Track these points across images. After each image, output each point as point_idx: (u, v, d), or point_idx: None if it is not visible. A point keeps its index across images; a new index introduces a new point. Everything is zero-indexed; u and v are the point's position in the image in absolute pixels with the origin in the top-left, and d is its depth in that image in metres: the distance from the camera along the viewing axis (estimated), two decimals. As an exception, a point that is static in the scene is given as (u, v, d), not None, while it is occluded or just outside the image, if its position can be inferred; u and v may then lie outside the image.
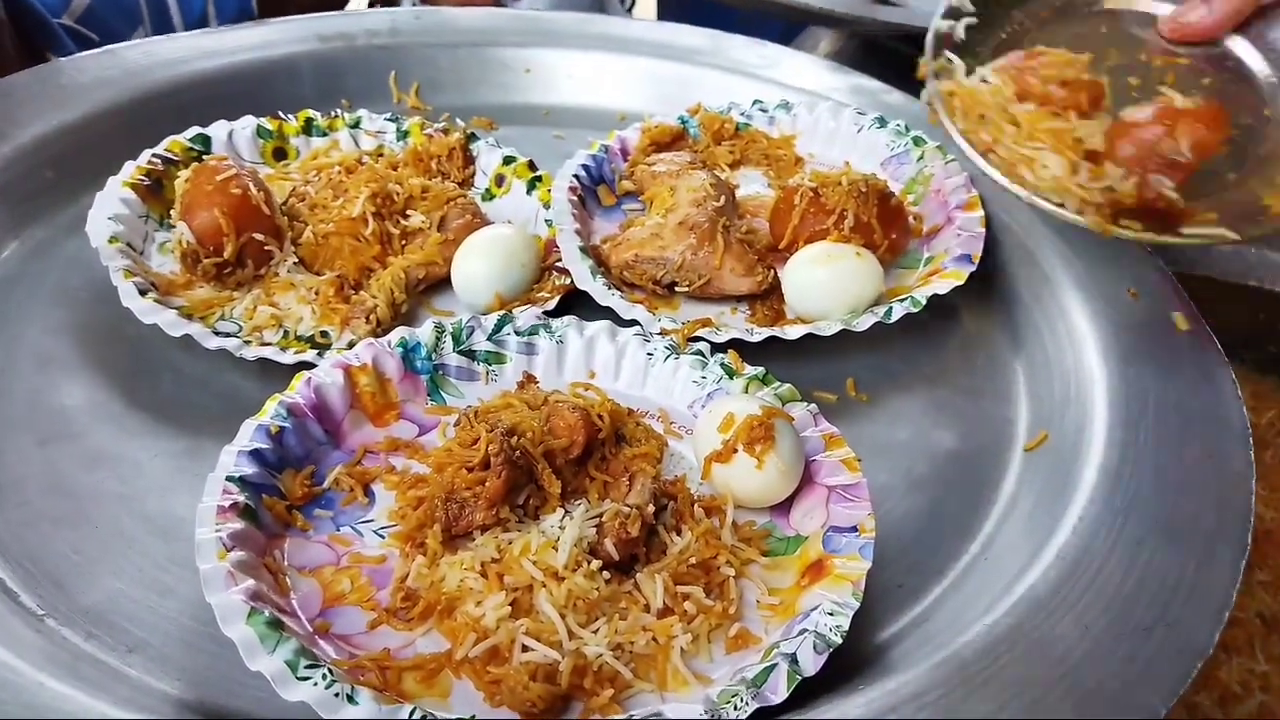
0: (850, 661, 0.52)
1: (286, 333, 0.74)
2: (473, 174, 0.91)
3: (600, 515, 0.57)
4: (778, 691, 0.50)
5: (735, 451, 0.59)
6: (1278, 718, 0.75)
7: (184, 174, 0.78)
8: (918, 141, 0.92)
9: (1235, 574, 0.56)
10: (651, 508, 0.58)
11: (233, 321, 0.74)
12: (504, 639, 0.51)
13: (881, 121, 0.95)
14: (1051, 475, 0.65)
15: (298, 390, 0.63)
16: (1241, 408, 0.67)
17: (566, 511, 0.58)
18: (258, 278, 0.77)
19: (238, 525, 0.54)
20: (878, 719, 0.49)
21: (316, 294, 0.76)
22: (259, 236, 0.76)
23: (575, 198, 0.87)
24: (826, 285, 0.75)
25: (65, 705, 0.48)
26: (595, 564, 0.55)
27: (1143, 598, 0.55)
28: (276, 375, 0.68)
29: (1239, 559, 0.56)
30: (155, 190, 0.81)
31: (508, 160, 0.91)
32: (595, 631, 0.52)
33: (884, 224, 0.79)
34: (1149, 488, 0.61)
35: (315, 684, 0.47)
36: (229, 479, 0.56)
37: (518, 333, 0.70)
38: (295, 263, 0.78)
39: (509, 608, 0.52)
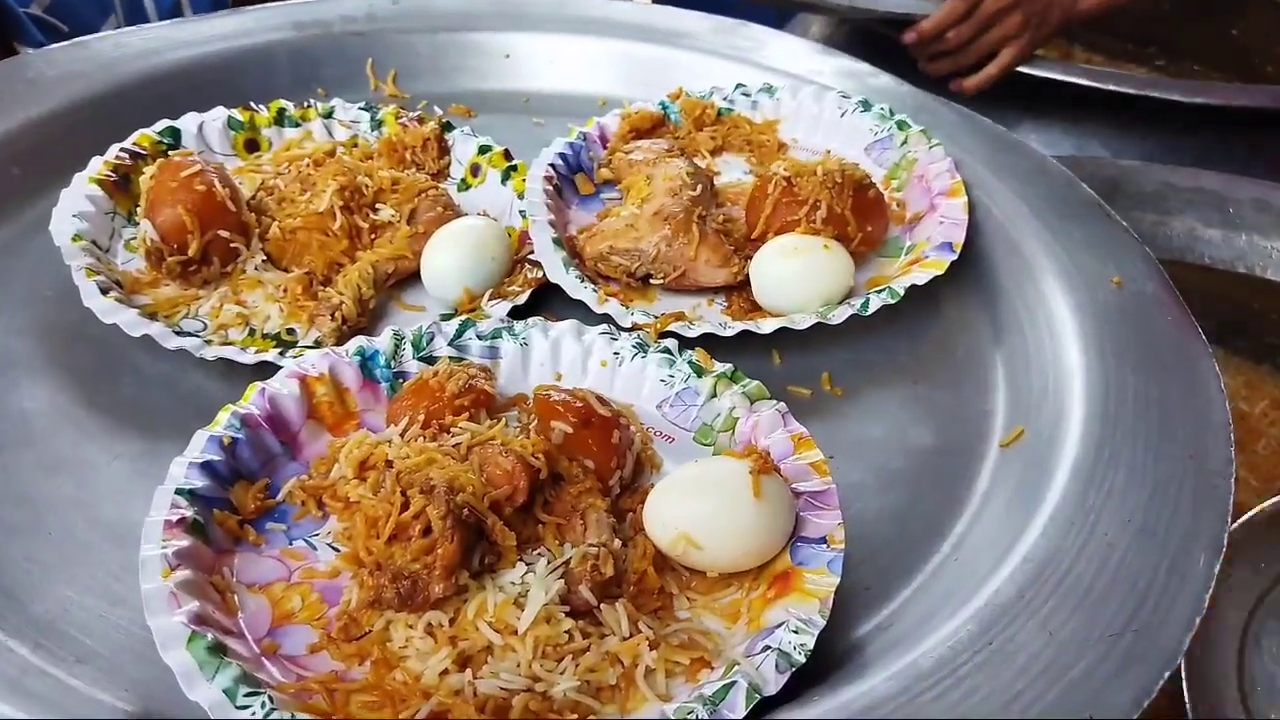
0: (811, 667, 0.51)
1: (253, 331, 0.73)
2: (448, 164, 0.89)
3: (566, 563, 0.54)
4: (736, 709, 0.48)
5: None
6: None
7: (149, 170, 0.77)
8: (902, 126, 0.90)
9: (1209, 577, 0.54)
10: (617, 542, 0.56)
11: (198, 320, 0.73)
12: (446, 696, 0.49)
13: (866, 105, 0.93)
14: (1026, 472, 0.63)
15: (252, 401, 0.62)
16: (1224, 403, 0.65)
17: (528, 565, 0.54)
18: (224, 275, 0.76)
19: (184, 542, 0.53)
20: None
21: (284, 291, 0.75)
22: (224, 233, 0.75)
23: (551, 187, 0.85)
24: (792, 279, 0.73)
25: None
26: (561, 612, 0.52)
27: (1111, 602, 0.53)
28: (240, 375, 0.67)
29: (1214, 562, 0.55)
30: (123, 186, 0.80)
31: (483, 149, 0.89)
32: (563, 672, 0.50)
33: (859, 215, 0.77)
34: (1123, 487, 0.60)
35: (253, 713, 0.46)
36: (178, 492, 0.55)
37: (480, 336, 0.68)
38: (263, 259, 0.77)
39: (451, 664, 0.50)
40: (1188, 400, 0.65)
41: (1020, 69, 1.17)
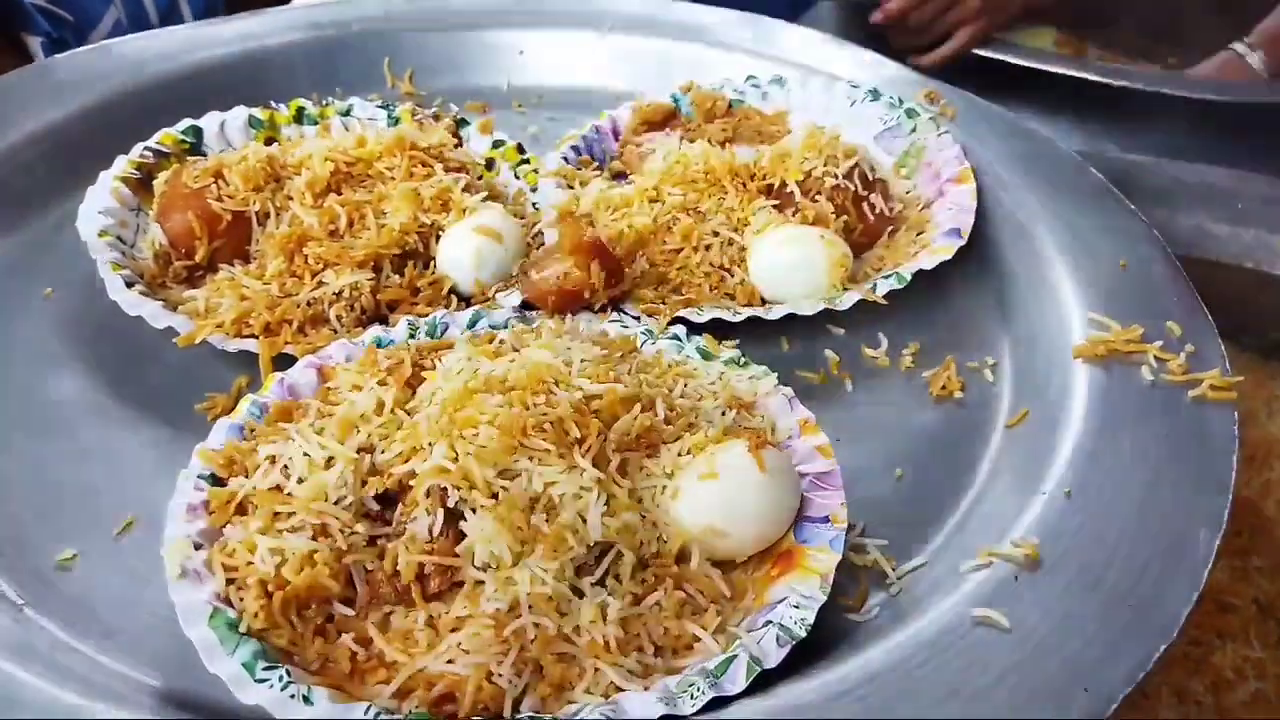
0: (814, 642, 0.52)
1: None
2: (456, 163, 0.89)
3: None
4: (736, 682, 0.50)
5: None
6: (1271, 705, 0.73)
7: (162, 175, 0.79)
8: (910, 114, 0.90)
9: (1209, 553, 0.54)
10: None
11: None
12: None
13: (875, 95, 0.93)
14: (1030, 453, 0.64)
15: (272, 390, 0.64)
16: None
17: None
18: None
19: (205, 523, 0.55)
20: (824, 706, 0.49)
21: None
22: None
23: (564, 179, 0.87)
24: (788, 268, 0.74)
25: (35, 697, 0.50)
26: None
27: (1109, 577, 0.54)
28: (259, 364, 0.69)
29: (1213, 538, 0.55)
30: (146, 183, 0.82)
31: (497, 144, 0.91)
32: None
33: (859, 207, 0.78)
34: (1125, 466, 0.60)
35: (271, 685, 0.48)
36: (200, 477, 0.57)
37: (493, 326, 0.70)
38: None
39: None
40: (1191, 379, 0.65)
41: (1033, 65, 1.18)
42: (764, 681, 0.50)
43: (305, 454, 0.55)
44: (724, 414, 0.61)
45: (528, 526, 0.52)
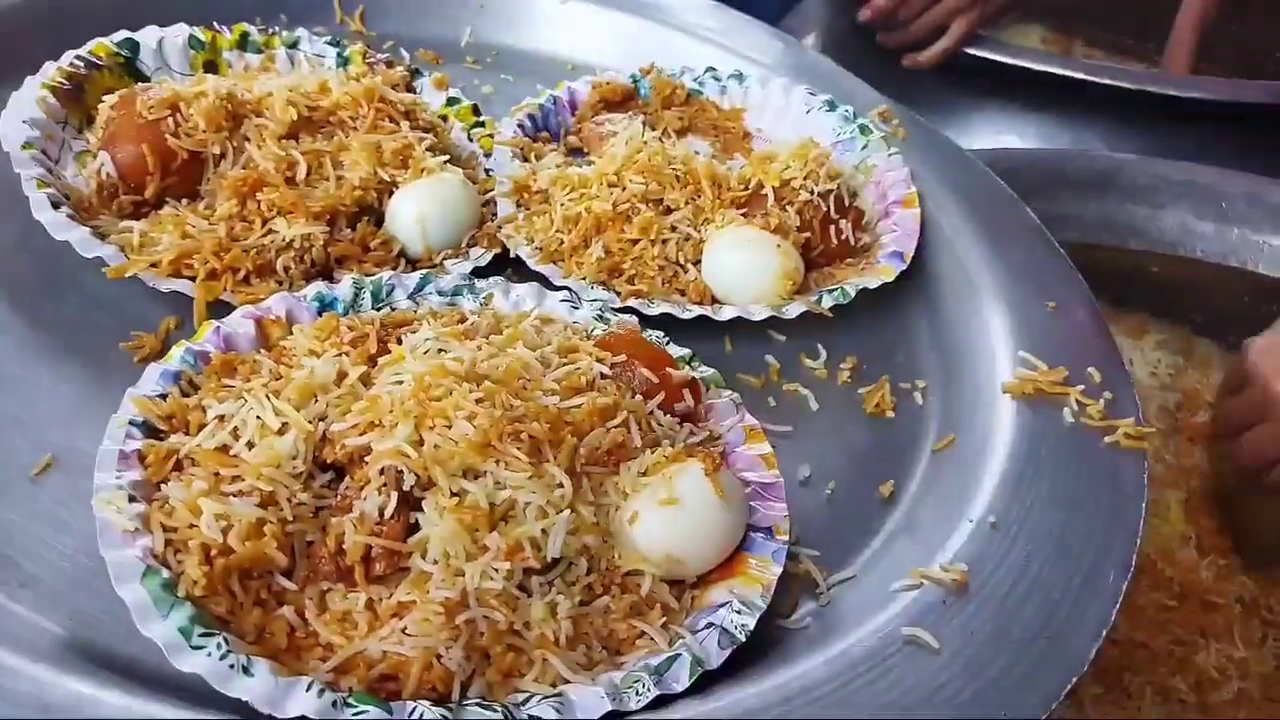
0: (748, 648, 0.53)
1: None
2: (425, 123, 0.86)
3: None
4: (680, 681, 0.51)
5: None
6: (1255, 704, 0.76)
7: (110, 99, 0.73)
8: (864, 130, 0.92)
9: (1118, 593, 0.58)
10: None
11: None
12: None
13: (831, 105, 0.94)
14: (955, 479, 0.67)
15: (206, 338, 0.61)
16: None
17: None
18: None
19: (139, 474, 0.53)
20: (764, 712, 0.51)
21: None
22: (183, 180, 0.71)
23: (519, 150, 0.85)
24: (738, 269, 0.75)
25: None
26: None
27: (1028, 609, 0.57)
28: (190, 309, 0.66)
29: (1122, 579, 0.59)
30: (76, 96, 0.77)
31: (451, 101, 0.88)
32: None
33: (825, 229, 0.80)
34: (1044, 501, 0.64)
35: (209, 654, 0.46)
36: (132, 423, 0.55)
37: (440, 293, 0.69)
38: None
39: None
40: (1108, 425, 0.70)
41: (1020, 63, 1.19)
42: (702, 683, 0.51)
43: (258, 418, 0.53)
44: (679, 427, 0.62)
45: (487, 531, 0.51)
